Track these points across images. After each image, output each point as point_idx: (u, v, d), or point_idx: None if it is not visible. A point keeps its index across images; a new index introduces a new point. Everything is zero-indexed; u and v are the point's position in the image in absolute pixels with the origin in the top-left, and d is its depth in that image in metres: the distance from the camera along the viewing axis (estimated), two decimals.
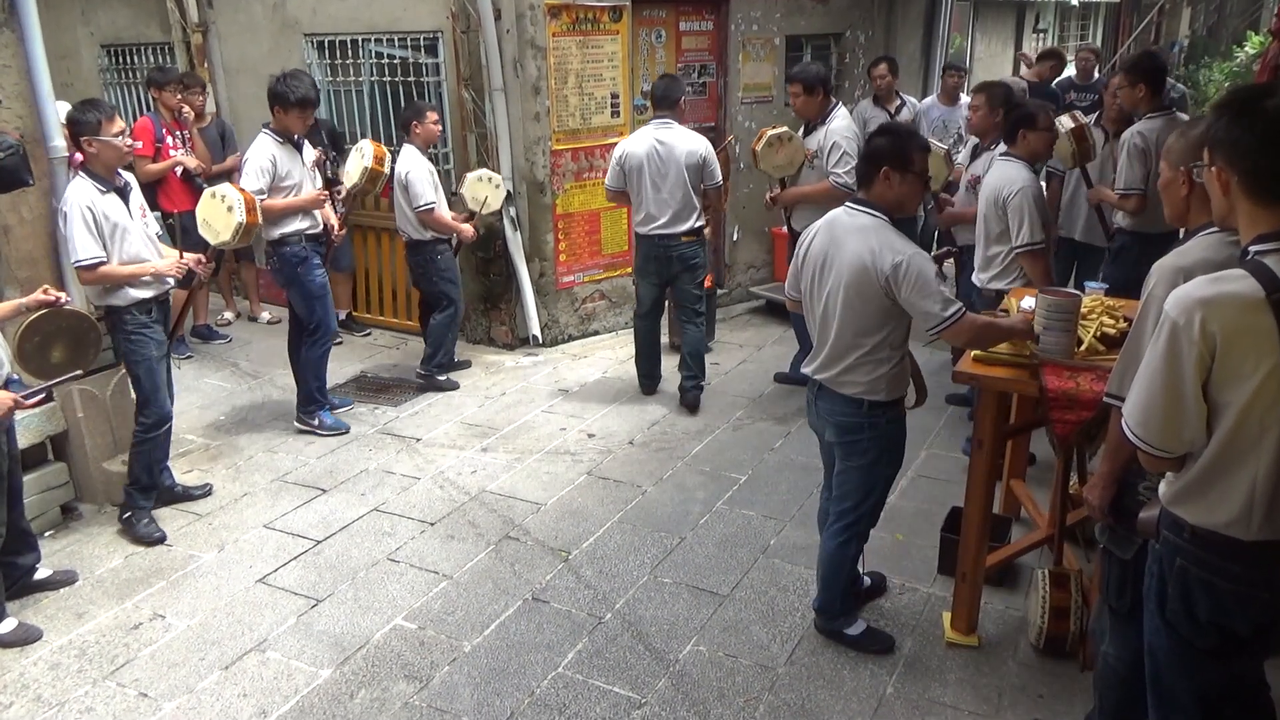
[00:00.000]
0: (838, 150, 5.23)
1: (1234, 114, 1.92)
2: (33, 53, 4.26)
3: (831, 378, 3.18)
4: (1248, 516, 1.94)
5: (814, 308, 3.21)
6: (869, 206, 3.09)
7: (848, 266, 3.03)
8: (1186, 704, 2.17)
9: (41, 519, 4.31)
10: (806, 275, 3.22)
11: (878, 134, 3.18)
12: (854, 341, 3.09)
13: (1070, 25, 13.78)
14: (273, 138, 5.07)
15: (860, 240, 3.02)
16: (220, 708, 3.19)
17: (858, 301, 3.04)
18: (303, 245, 5.15)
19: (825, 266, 3.12)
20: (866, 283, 3.00)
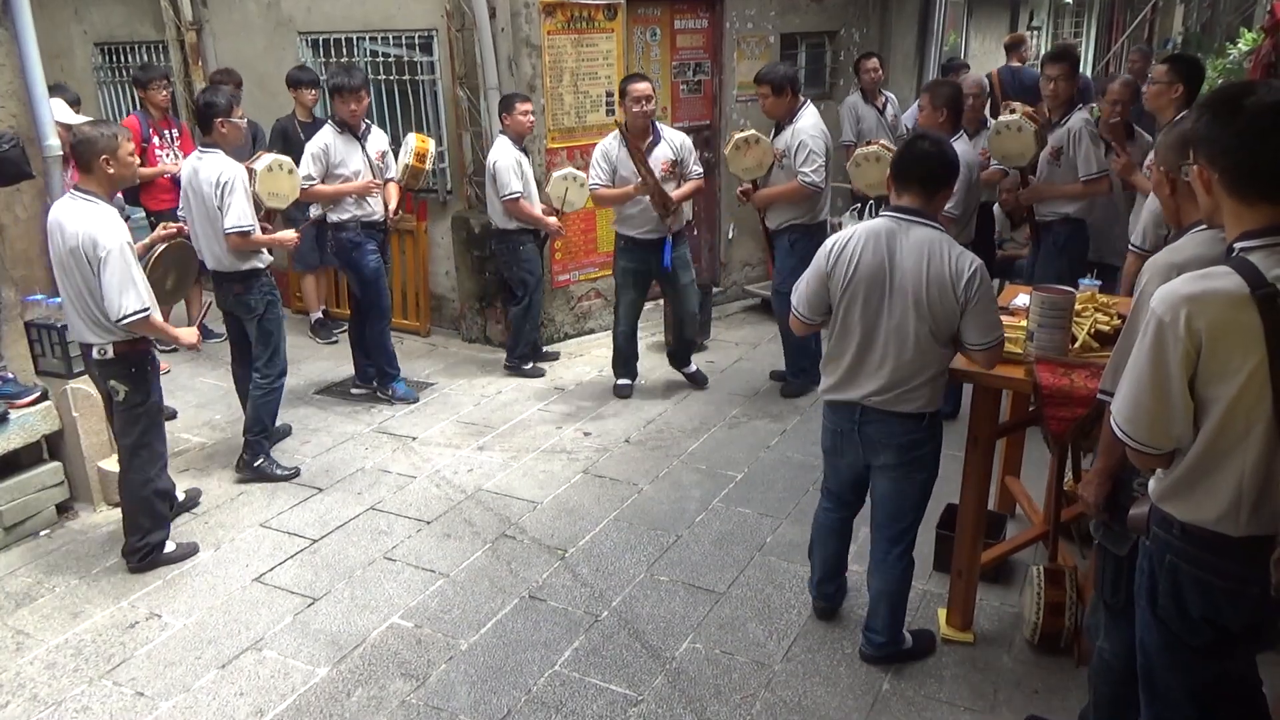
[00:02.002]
0: (804, 149, 5.22)
1: (1214, 113, 1.92)
2: (26, 51, 4.25)
3: (893, 399, 3.01)
4: (1236, 512, 1.95)
5: (865, 326, 2.99)
6: (925, 218, 2.94)
7: (929, 281, 2.87)
8: (1179, 700, 2.18)
9: (37, 518, 4.31)
10: (853, 293, 2.99)
11: (939, 143, 3.00)
12: (924, 358, 2.96)
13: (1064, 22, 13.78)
14: (333, 128, 5.41)
15: (933, 252, 2.88)
16: (217, 706, 3.19)
17: (936, 318, 2.91)
18: (357, 231, 5.45)
19: (887, 283, 2.93)
20: (948, 297, 2.87)
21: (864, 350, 3.02)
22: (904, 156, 3.03)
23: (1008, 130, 5.08)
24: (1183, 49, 17.27)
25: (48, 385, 4.39)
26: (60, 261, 3.76)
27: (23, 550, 4.19)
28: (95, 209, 3.70)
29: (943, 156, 2.96)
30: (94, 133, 3.72)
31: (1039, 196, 5.22)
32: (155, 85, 6.39)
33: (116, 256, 3.65)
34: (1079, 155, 5.00)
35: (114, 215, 3.74)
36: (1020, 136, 5.03)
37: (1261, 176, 1.88)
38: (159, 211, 6.49)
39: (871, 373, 3.02)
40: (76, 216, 3.68)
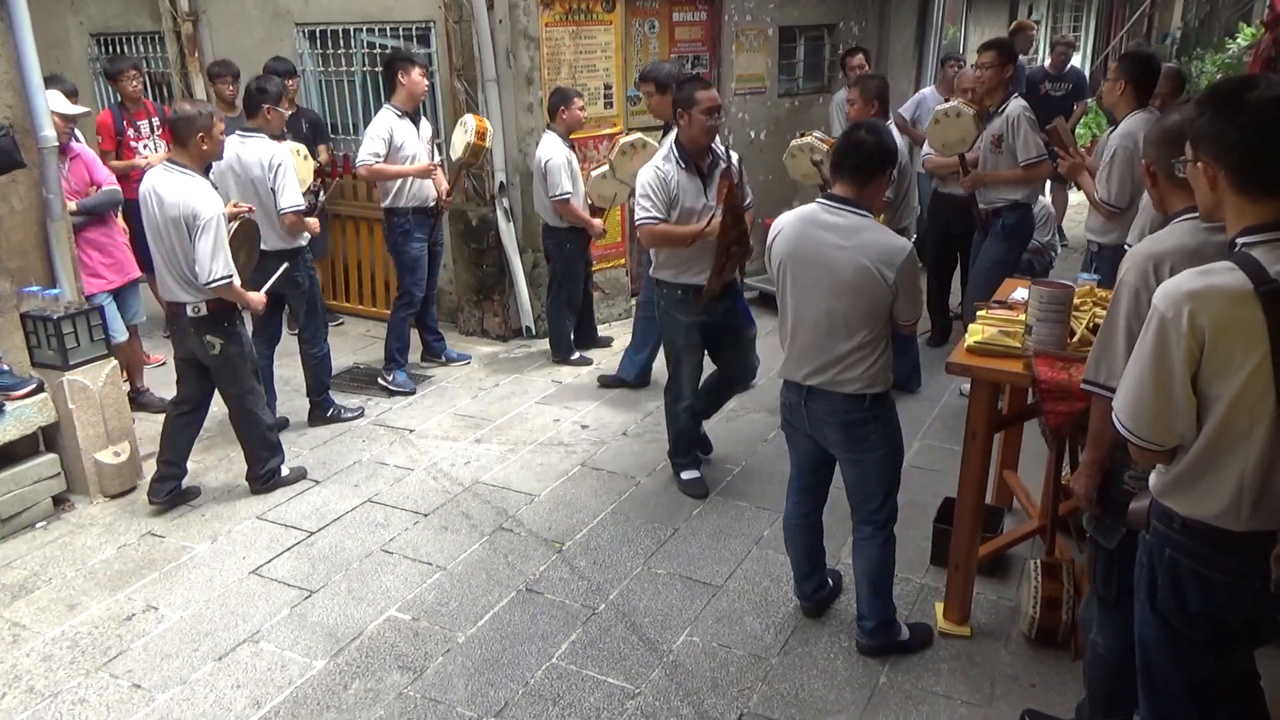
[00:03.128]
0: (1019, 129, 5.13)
1: (1217, 108, 1.91)
2: (22, 42, 4.22)
3: (829, 379, 3.08)
4: (1237, 507, 1.95)
5: (795, 308, 3.10)
6: (855, 206, 2.99)
7: (846, 268, 2.94)
8: (1177, 694, 2.18)
9: (33, 510, 4.30)
10: (783, 276, 3.12)
11: (871, 130, 3.04)
12: (853, 341, 3.01)
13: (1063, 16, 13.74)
14: (392, 111, 5.49)
15: (861, 241, 2.94)
16: (214, 699, 3.19)
17: (859, 301, 2.97)
18: (407, 218, 5.62)
19: (813, 267, 3.02)
20: (871, 282, 2.93)
21: (795, 331, 3.13)
22: (839, 146, 3.08)
23: (947, 118, 5.20)
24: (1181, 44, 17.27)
25: (44, 377, 4.37)
26: (155, 228, 4.12)
27: (19, 542, 4.18)
28: (193, 181, 4.07)
29: (877, 146, 3.00)
30: (193, 111, 4.10)
31: (982, 183, 5.35)
32: (125, 76, 6.33)
33: (213, 226, 4.02)
34: (1018, 141, 5.13)
35: (209, 187, 4.12)
36: (960, 123, 5.15)
37: (1265, 172, 1.87)
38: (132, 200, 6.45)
39: (807, 353, 3.11)
40: (175, 187, 4.03)
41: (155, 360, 6.29)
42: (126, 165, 6.28)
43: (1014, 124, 5.15)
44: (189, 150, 4.08)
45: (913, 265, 2.96)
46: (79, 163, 5.08)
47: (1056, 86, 8.48)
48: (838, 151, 3.07)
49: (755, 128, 7.60)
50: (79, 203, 4.97)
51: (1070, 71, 8.64)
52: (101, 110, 6.70)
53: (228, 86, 6.56)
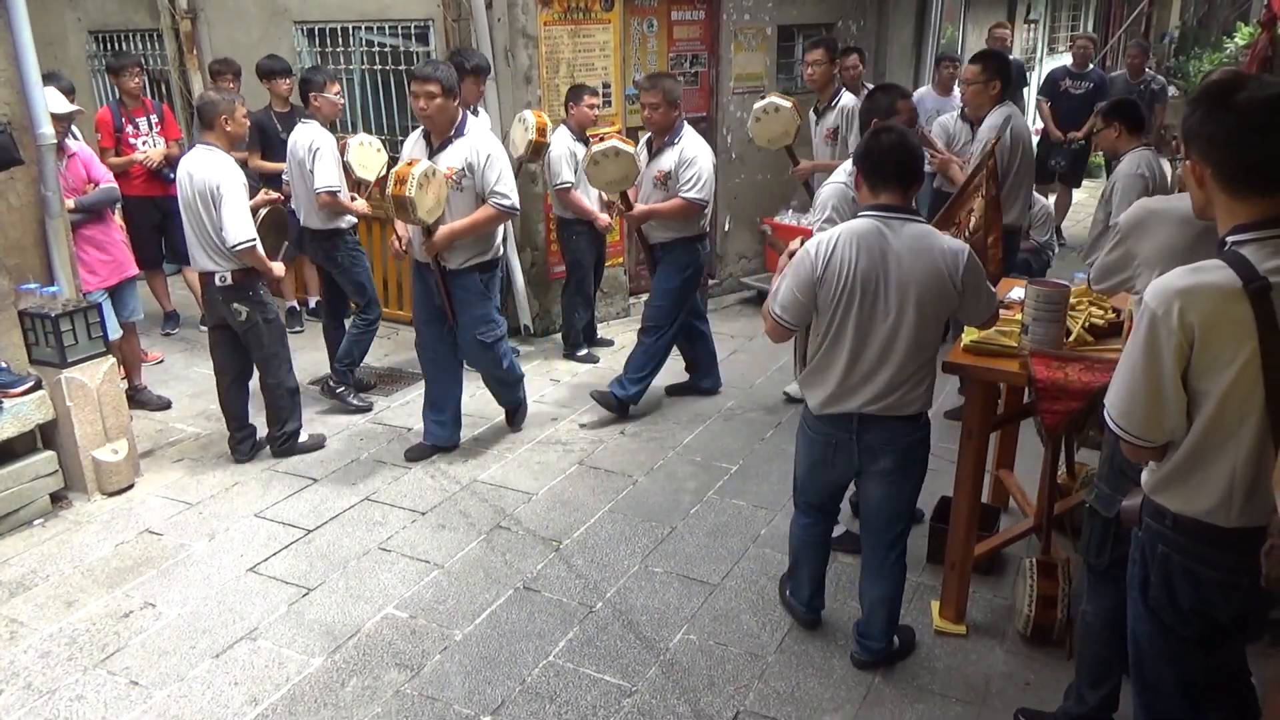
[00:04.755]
0: (692, 167, 4.96)
1: (1207, 107, 1.92)
2: (20, 39, 4.22)
3: (894, 403, 2.93)
4: (1228, 504, 1.96)
5: (858, 333, 2.89)
6: (910, 213, 2.90)
7: (928, 279, 2.82)
8: (1169, 690, 2.20)
9: (30, 507, 4.30)
10: (848, 300, 2.86)
11: (901, 134, 2.94)
12: (923, 355, 2.92)
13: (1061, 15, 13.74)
14: None
15: (929, 246, 2.84)
16: (211, 696, 3.20)
17: (934, 314, 2.88)
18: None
19: (883, 286, 2.84)
20: (946, 287, 2.85)
21: (856, 357, 2.92)
22: (874, 153, 2.91)
23: (766, 115, 5.25)
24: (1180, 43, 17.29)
25: (42, 374, 4.37)
26: (187, 202, 4.48)
27: (16, 539, 4.18)
28: (219, 157, 4.48)
29: (912, 148, 2.92)
30: (216, 96, 4.57)
31: (808, 174, 5.44)
32: (128, 72, 6.35)
33: (234, 194, 4.42)
34: (852, 135, 5.19)
35: (233, 163, 4.52)
36: (780, 117, 5.23)
37: (1253, 171, 1.88)
38: (129, 197, 6.47)
39: (867, 380, 2.92)
40: (202, 163, 4.46)
41: (154, 358, 6.30)
42: (125, 161, 6.29)
43: (849, 117, 5.23)
44: (215, 131, 4.50)
45: (976, 264, 2.89)
46: (76, 160, 5.08)
47: (1077, 84, 8.41)
48: (873, 157, 2.91)
49: None
50: (76, 200, 4.98)
51: (1092, 70, 8.53)
52: (100, 108, 6.70)
53: (228, 84, 6.56)
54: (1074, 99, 8.34)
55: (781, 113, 5.22)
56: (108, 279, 5.26)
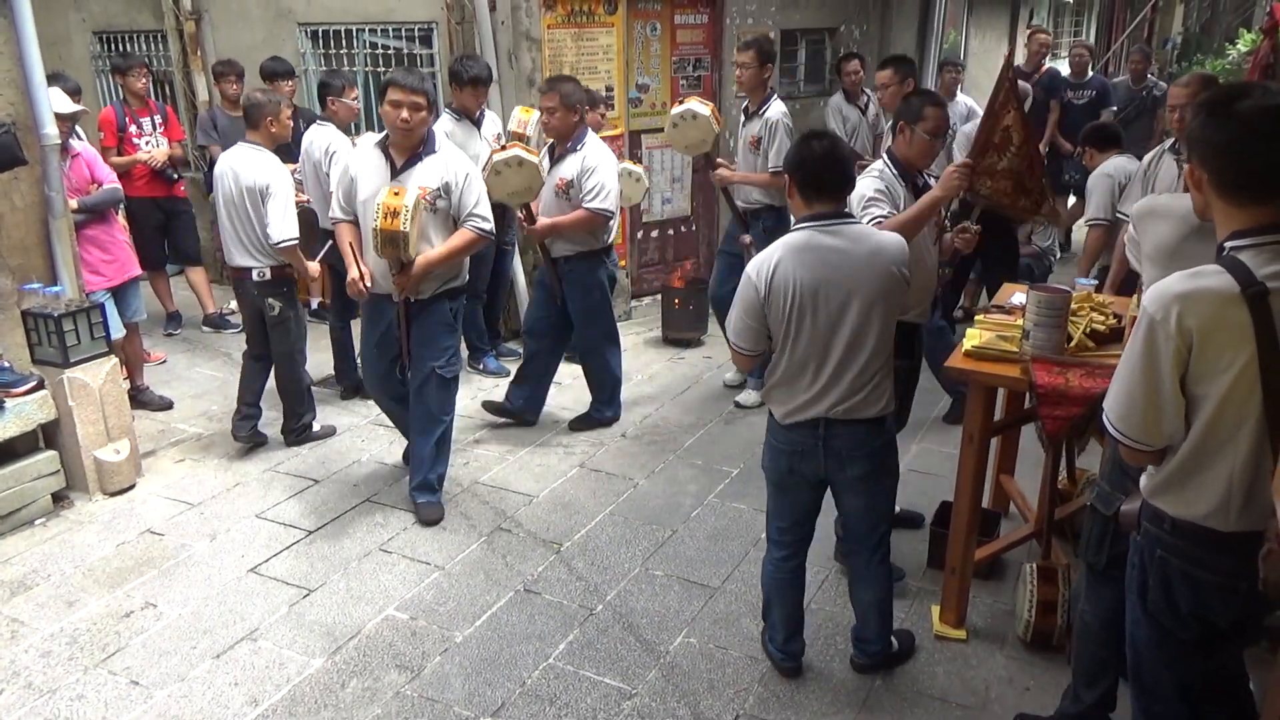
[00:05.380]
0: (594, 176, 4.79)
1: (1209, 113, 1.93)
2: (25, 39, 4.23)
3: (859, 403, 2.90)
4: (1226, 508, 1.97)
5: (817, 344, 2.86)
6: (845, 218, 2.89)
7: (877, 279, 2.81)
8: (1167, 694, 2.20)
9: (32, 507, 4.31)
10: (799, 316, 2.84)
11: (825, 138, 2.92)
12: (883, 356, 2.91)
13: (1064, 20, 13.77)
14: (450, 116, 5.51)
15: (869, 247, 2.83)
16: (211, 696, 3.20)
17: (890, 310, 2.88)
18: None
19: (835, 293, 2.81)
20: (897, 285, 2.85)
21: (820, 368, 2.88)
22: (806, 162, 2.86)
23: (684, 121, 5.04)
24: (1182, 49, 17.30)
25: (44, 374, 4.38)
26: (229, 199, 4.66)
27: (18, 539, 4.19)
28: (265, 157, 4.66)
29: (842, 156, 2.88)
30: (263, 99, 4.72)
31: (730, 182, 5.36)
32: (135, 72, 6.39)
33: (283, 193, 4.60)
34: (773, 147, 5.11)
35: (279, 163, 4.69)
36: (698, 124, 5.03)
37: (1251, 178, 1.89)
38: (133, 198, 6.49)
39: (831, 386, 2.89)
40: (250, 162, 4.63)
41: (156, 358, 6.31)
42: (129, 161, 6.31)
43: (772, 129, 5.12)
44: (260, 131, 4.68)
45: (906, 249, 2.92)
46: (80, 161, 5.09)
47: (1079, 94, 8.28)
48: (805, 170, 2.86)
49: None
50: (80, 200, 4.99)
51: (1092, 78, 8.41)
52: (104, 108, 6.72)
53: (232, 85, 6.58)
54: (1077, 109, 8.28)
55: (700, 120, 4.97)
56: (111, 279, 5.27)
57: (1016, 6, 11.81)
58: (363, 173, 4.06)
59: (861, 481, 3.01)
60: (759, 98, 5.25)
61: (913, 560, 3.92)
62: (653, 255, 7.46)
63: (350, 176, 4.11)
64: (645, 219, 7.26)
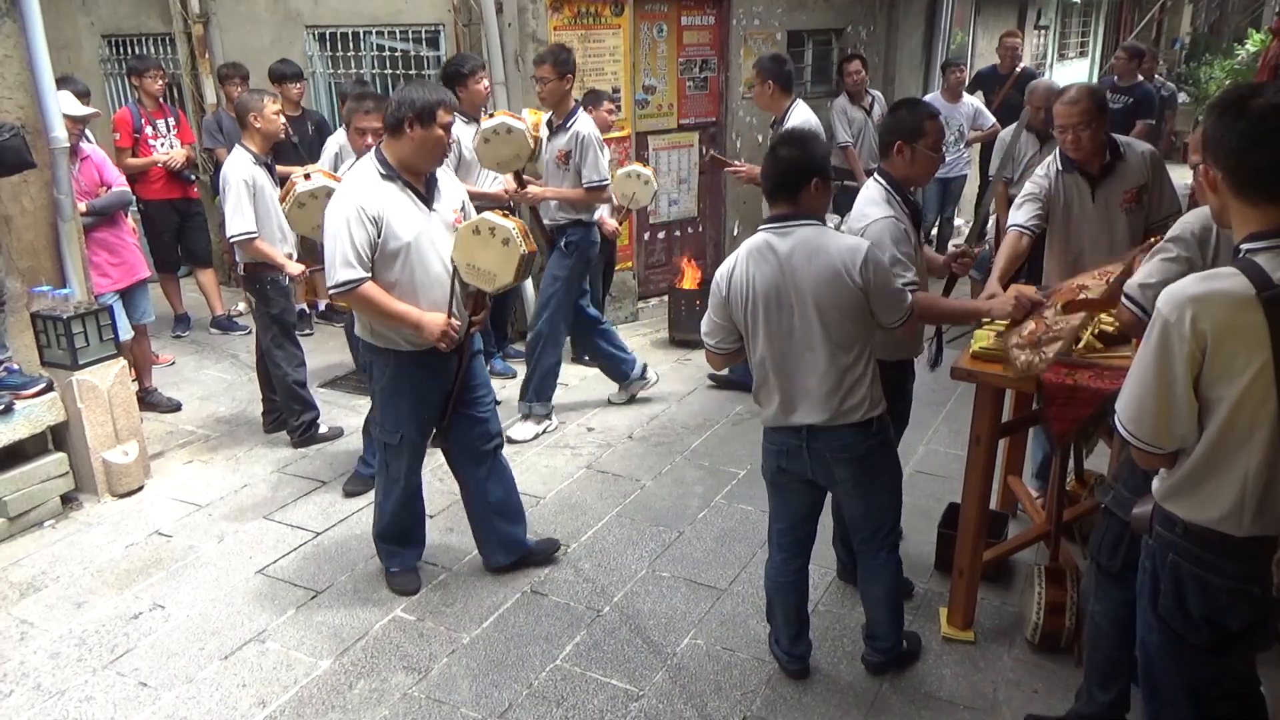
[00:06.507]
0: (590, 153, 4.93)
1: (1220, 113, 1.93)
2: (34, 43, 4.25)
3: (834, 413, 2.88)
4: (1239, 512, 1.96)
5: (775, 347, 2.89)
6: (796, 219, 2.85)
7: (821, 281, 2.78)
8: (1178, 698, 2.19)
9: (41, 508, 4.32)
10: (753, 316, 2.88)
11: (789, 144, 2.91)
12: (843, 361, 2.85)
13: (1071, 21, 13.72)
14: (459, 119, 5.36)
15: (816, 248, 2.80)
16: (219, 697, 3.21)
17: (840, 315, 2.82)
18: None
19: (786, 297, 2.83)
20: (844, 285, 2.78)
21: (779, 369, 2.89)
22: (765, 168, 2.93)
23: (496, 136, 4.75)
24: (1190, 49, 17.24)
25: (53, 376, 4.40)
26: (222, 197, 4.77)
27: (27, 540, 4.20)
28: (235, 156, 4.74)
29: (792, 159, 2.86)
30: (246, 97, 4.82)
31: (543, 200, 5.19)
32: (151, 74, 6.43)
33: (233, 188, 4.61)
34: (585, 161, 4.96)
35: (240, 157, 4.72)
36: (513, 139, 4.77)
37: (1265, 178, 1.88)
38: (150, 200, 6.52)
39: (803, 392, 2.89)
40: (229, 163, 4.73)
41: (165, 360, 6.33)
42: (146, 163, 6.35)
43: (582, 144, 4.93)
44: (249, 130, 4.76)
45: (877, 259, 2.81)
46: (89, 164, 5.12)
47: (1116, 98, 7.68)
48: (764, 173, 2.95)
49: (763, 132, 7.60)
50: (89, 203, 5.01)
51: (1136, 86, 7.83)
52: (119, 108, 6.76)
53: (237, 88, 6.59)
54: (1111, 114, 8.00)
55: (514, 134, 4.74)
56: (119, 281, 5.29)
57: (1024, 7, 11.77)
58: (393, 213, 3.34)
59: (853, 485, 3.01)
60: (563, 111, 5.00)
61: (920, 562, 3.91)
62: (659, 257, 7.46)
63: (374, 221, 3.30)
64: (652, 220, 7.26)
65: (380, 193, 3.32)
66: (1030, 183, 3.90)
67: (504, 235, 3.36)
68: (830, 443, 2.93)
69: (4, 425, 4.15)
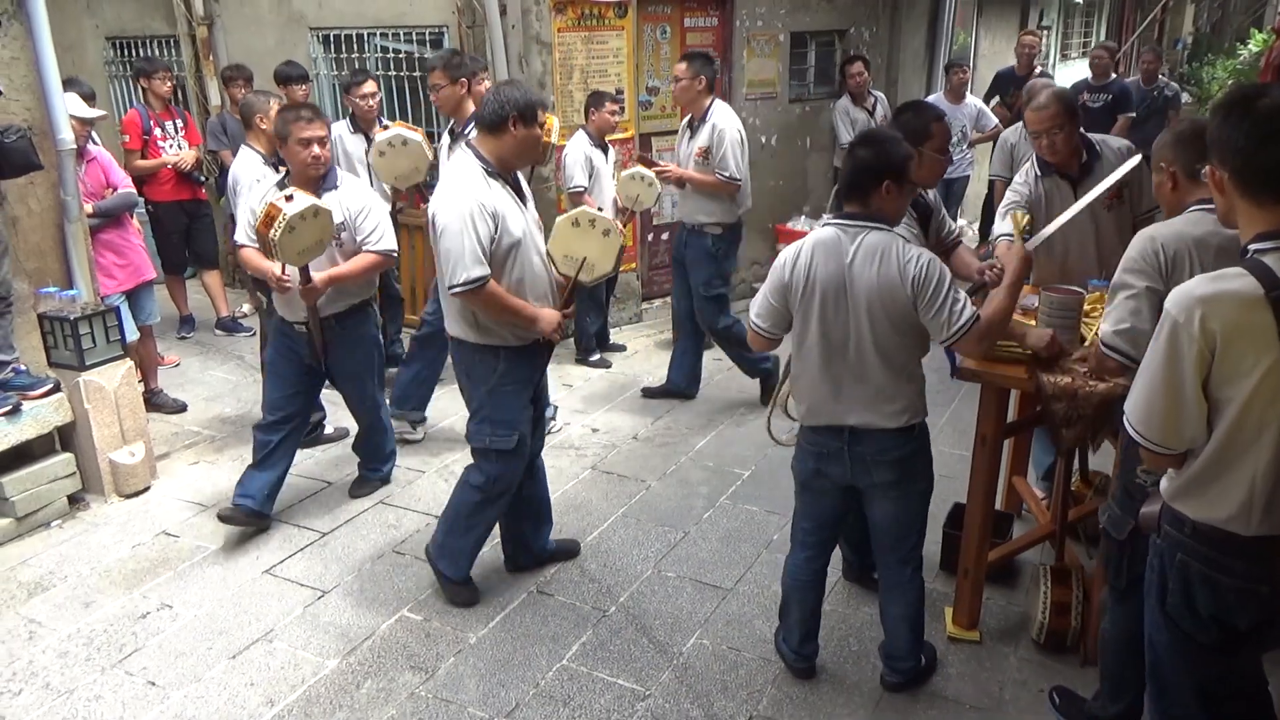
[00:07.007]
0: None
1: (1227, 113, 1.94)
2: (41, 45, 4.27)
3: (874, 417, 2.87)
4: (1248, 512, 1.96)
5: (826, 342, 2.85)
6: (871, 220, 2.82)
7: (880, 286, 2.76)
8: (1186, 697, 2.20)
9: (49, 509, 4.34)
10: (808, 307, 2.86)
11: (866, 144, 2.87)
12: (895, 367, 2.84)
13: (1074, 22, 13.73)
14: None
15: (884, 255, 2.76)
16: (227, 697, 3.22)
17: (893, 325, 2.80)
18: None
19: (844, 295, 2.80)
20: (899, 296, 2.75)
21: (829, 369, 2.87)
22: (844, 165, 2.94)
23: (392, 148, 4.66)
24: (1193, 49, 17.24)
25: (60, 377, 4.41)
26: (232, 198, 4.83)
27: (35, 540, 4.22)
28: (242, 156, 4.82)
29: (867, 160, 2.82)
30: (251, 99, 4.90)
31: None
32: (160, 76, 6.44)
33: (245, 188, 4.57)
34: None
35: (252, 159, 4.75)
36: (409, 150, 4.69)
37: (1272, 177, 1.89)
38: (159, 202, 6.53)
39: (846, 391, 2.87)
40: (236, 164, 4.77)
41: (170, 361, 6.34)
42: (156, 164, 6.36)
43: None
44: (254, 131, 4.81)
45: (935, 275, 2.75)
46: (95, 165, 5.13)
47: (1095, 98, 8.04)
48: (843, 170, 2.95)
49: (766, 133, 7.63)
50: (95, 205, 5.03)
51: (1113, 82, 8.19)
52: (129, 110, 6.78)
53: (241, 90, 6.60)
54: (1092, 112, 8.17)
55: (411, 146, 4.63)
56: (125, 283, 5.30)
57: (1026, 8, 11.78)
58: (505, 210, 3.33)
59: (890, 487, 2.98)
60: (462, 118, 4.81)
61: (926, 562, 3.88)
62: (663, 258, 7.46)
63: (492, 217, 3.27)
64: (655, 222, 7.27)
65: (491, 189, 3.31)
66: (1011, 191, 3.93)
67: (604, 226, 3.56)
68: (872, 445, 2.91)
69: (11, 426, 4.16)
